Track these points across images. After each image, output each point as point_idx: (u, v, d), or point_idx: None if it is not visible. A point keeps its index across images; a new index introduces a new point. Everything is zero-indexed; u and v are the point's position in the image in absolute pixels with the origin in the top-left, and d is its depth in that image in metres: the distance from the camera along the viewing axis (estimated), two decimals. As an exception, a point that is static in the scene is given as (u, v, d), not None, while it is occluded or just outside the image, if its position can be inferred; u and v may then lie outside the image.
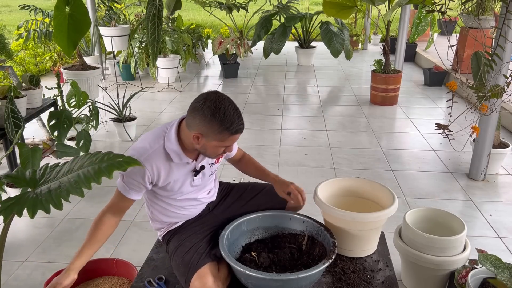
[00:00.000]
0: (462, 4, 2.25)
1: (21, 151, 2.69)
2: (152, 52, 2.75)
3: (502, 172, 3.56)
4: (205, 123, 1.53)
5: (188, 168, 1.72)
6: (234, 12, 6.84)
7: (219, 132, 1.53)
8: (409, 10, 6.03)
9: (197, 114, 1.54)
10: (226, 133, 1.53)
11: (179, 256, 1.71)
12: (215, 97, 1.54)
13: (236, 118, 1.54)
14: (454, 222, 2.13)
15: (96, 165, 1.51)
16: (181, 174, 1.71)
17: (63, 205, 1.42)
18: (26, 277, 2.35)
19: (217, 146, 1.59)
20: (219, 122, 1.51)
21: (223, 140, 1.56)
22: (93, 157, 1.53)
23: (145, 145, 1.65)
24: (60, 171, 1.57)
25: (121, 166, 1.49)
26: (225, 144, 1.58)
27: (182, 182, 1.73)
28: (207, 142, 1.57)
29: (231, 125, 1.52)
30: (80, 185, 1.44)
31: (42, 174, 1.60)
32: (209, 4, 6.73)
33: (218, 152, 1.63)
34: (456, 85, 2.08)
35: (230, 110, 1.52)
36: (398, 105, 5.38)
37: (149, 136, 1.68)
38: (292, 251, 1.78)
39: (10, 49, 4.04)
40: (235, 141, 1.62)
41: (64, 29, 2.15)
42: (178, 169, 1.69)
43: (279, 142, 4.19)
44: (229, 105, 1.53)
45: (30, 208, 1.41)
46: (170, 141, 1.63)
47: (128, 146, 4.10)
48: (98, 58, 6.39)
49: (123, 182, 1.66)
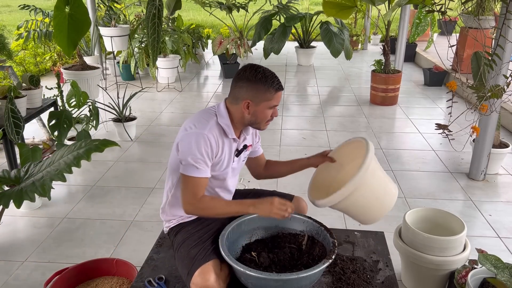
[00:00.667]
0: (462, 4, 2.25)
1: (21, 151, 2.70)
2: (152, 52, 2.75)
3: (502, 172, 3.56)
4: (251, 87, 1.68)
5: (233, 147, 1.81)
6: (234, 12, 6.84)
7: (265, 91, 1.68)
8: (409, 10, 6.03)
9: (241, 83, 1.70)
10: (271, 90, 1.69)
11: (186, 248, 1.72)
12: (251, 65, 1.72)
13: (275, 78, 1.71)
14: (454, 222, 2.13)
15: (75, 151, 1.64)
16: (227, 152, 1.78)
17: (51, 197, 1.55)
18: (26, 277, 2.35)
19: (266, 107, 1.71)
20: (263, 82, 1.67)
21: (270, 98, 1.70)
22: (72, 146, 1.68)
23: (202, 120, 1.73)
24: (43, 165, 1.70)
25: (98, 148, 1.62)
26: (272, 103, 1.71)
27: (227, 160, 1.79)
28: (256, 107, 1.70)
29: (273, 82, 1.69)
30: (62, 171, 1.57)
31: (26, 171, 1.75)
32: (209, 4, 6.73)
33: (267, 116, 1.74)
34: (456, 85, 2.08)
35: (268, 72, 1.70)
36: (398, 105, 5.38)
37: (200, 115, 1.76)
38: (292, 251, 1.78)
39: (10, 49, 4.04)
40: (279, 99, 1.74)
41: (64, 29, 2.15)
42: (228, 145, 1.78)
43: (279, 142, 4.19)
44: (266, 69, 1.71)
45: (16, 199, 1.55)
46: (223, 117, 1.74)
47: (128, 146, 4.10)
48: (98, 58, 6.39)
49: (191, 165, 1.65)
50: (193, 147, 1.65)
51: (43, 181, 1.57)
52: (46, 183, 1.57)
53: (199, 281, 1.59)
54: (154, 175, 3.51)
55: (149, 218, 2.91)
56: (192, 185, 1.68)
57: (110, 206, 3.05)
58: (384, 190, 1.75)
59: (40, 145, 3.86)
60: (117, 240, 2.67)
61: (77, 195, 3.21)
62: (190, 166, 1.66)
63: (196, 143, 1.65)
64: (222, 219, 1.87)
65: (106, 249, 2.58)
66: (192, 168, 1.66)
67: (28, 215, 2.94)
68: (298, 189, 3.23)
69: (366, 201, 1.70)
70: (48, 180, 1.57)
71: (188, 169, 1.67)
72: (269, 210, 1.64)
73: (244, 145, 1.87)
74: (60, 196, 3.20)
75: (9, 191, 1.61)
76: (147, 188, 3.31)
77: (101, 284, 2.14)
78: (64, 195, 3.23)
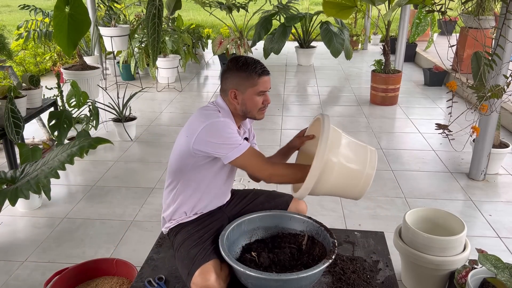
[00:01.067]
0: (462, 4, 2.25)
1: (21, 151, 2.70)
2: (152, 52, 2.74)
3: (502, 172, 3.56)
4: (234, 76, 1.70)
5: None
6: (234, 12, 6.84)
7: (247, 77, 1.68)
8: (409, 10, 6.03)
9: (226, 74, 1.72)
10: (253, 75, 1.68)
11: (186, 248, 1.72)
12: (234, 56, 1.75)
13: (258, 63, 1.70)
14: (454, 222, 2.13)
15: (69, 149, 1.72)
16: None
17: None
18: (26, 277, 2.35)
19: (253, 93, 1.70)
20: (244, 69, 1.68)
21: (255, 84, 1.68)
22: (66, 145, 1.76)
23: (209, 112, 1.70)
24: (38, 165, 1.78)
25: (91, 145, 1.71)
26: (258, 88, 1.69)
27: None
28: (243, 95, 1.70)
29: (255, 67, 1.68)
30: (55, 168, 1.64)
31: (22, 171, 1.83)
32: (209, 4, 6.73)
33: (258, 103, 1.72)
34: (456, 85, 2.07)
35: (250, 59, 1.70)
36: (398, 105, 5.38)
37: (203, 111, 1.72)
38: (292, 251, 1.78)
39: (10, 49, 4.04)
40: (267, 85, 1.71)
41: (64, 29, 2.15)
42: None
43: (279, 142, 4.19)
44: (248, 57, 1.72)
45: (12, 197, 1.61)
46: (225, 110, 1.75)
47: (128, 146, 4.10)
48: (98, 58, 6.39)
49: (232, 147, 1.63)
50: (219, 134, 1.63)
51: (37, 179, 1.63)
52: (41, 180, 1.61)
53: (199, 281, 1.59)
54: (154, 175, 3.51)
55: (149, 218, 2.91)
56: (250, 159, 1.66)
57: (110, 206, 3.05)
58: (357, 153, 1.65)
59: (40, 145, 3.86)
60: (117, 240, 2.67)
61: (77, 195, 3.21)
62: (231, 150, 1.63)
63: (219, 129, 1.64)
64: (221, 219, 1.87)
65: (106, 249, 2.58)
66: (234, 149, 1.63)
67: (28, 215, 2.94)
68: (298, 189, 3.23)
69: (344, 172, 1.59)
70: (42, 177, 1.62)
71: (232, 153, 1.63)
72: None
73: (245, 137, 1.88)
74: (60, 196, 3.20)
75: (5, 190, 1.66)
76: (147, 188, 3.31)
77: (101, 284, 2.14)
78: (64, 195, 3.23)
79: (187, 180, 1.79)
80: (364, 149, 1.69)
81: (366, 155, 1.67)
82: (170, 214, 1.87)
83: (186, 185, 1.81)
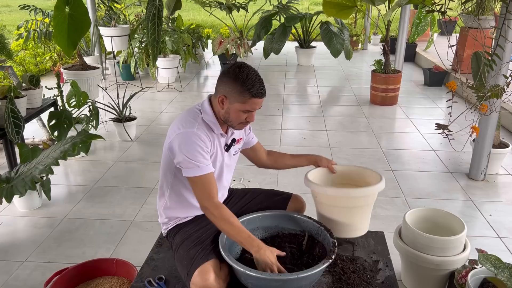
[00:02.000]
0: (462, 4, 2.25)
1: (21, 151, 2.71)
2: (152, 52, 2.74)
3: (502, 172, 3.56)
4: (229, 84, 1.66)
5: (222, 142, 1.81)
6: (234, 12, 6.84)
7: (241, 92, 1.64)
8: (409, 10, 6.03)
9: (224, 77, 1.69)
10: (247, 94, 1.63)
11: (185, 249, 1.72)
12: (241, 64, 1.69)
13: (258, 83, 1.65)
14: (454, 222, 2.13)
15: (62, 147, 1.78)
16: (218, 147, 1.79)
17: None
18: (26, 277, 2.35)
19: (239, 109, 1.67)
20: (241, 83, 1.63)
21: (244, 102, 1.65)
22: (59, 143, 1.83)
23: (189, 119, 1.72)
24: (32, 164, 1.85)
25: (83, 141, 1.77)
26: (245, 107, 1.66)
27: (220, 156, 1.81)
28: (230, 104, 1.67)
29: (252, 87, 1.63)
30: (49, 165, 1.71)
31: (17, 171, 1.90)
32: (209, 4, 6.73)
33: (240, 118, 1.70)
34: (456, 85, 2.07)
35: (253, 75, 1.65)
36: (398, 105, 5.38)
37: (186, 115, 1.75)
38: (292, 251, 1.78)
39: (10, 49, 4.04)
40: (256, 106, 1.69)
41: (64, 29, 2.15)
42: (217, 140, 1.78)
43: (279, 142, 4.19)
44: (253, 72, 1.66)
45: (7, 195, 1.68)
46: (207, 113, 1.74)
47: (128, 146, 4.10)
48: (98, 58, 6.39)
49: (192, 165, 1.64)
50: (186, 146, 1.64)
51: (32, 176, 1.69)
52: (35, 177, 1.67)
53: (198, 281, 1.59)
54: (154, 175, 3.51)
55: (149, 218, 2.91)
56: (202, 184, 1.66)
57: (110, 206, 3.05)
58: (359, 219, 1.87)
59: (40, 145, 3.86)
60: (117, 240, 2.67)
61: (77, 195, 3.21)
62: (191, 167, 1.65)
63: (188, 142, 1.65)
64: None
65: (106, 249, 2.58)
66: (194, 168, 1.65)
67: (28, 215, 2.94)
68: (298, 188, 3.22)
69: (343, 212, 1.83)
70: (37, 173, 1.69)
71: (190, 170, 1.66)
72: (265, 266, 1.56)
73: (233, 139, 1.86)
74: (60, 196, 3.20)
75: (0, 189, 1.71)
76: (147, 188, 3.31)
77: (101, 284, 2.14)
78: (64, 195, 3.23)
79: (174, 181, 1.81)
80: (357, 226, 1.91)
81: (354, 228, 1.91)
82: (166, 216, 1.88)
83: (174, 185, 1.82)
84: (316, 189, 1.86)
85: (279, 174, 3.48)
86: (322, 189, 1.84)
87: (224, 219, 1.64)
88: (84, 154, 3.75)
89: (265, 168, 2.13)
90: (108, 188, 3.31)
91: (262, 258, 1.57)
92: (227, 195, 2.04)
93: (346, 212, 1.84)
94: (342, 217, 1.85)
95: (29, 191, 2.87)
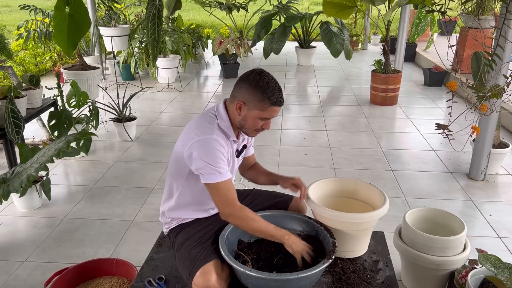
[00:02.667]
0: (462, 4, 2.25)
1: (21, 151, 2.70)
2: (152, 52, 2.74)
3: (502, 172, 3.56)
4: (249, 91, 1.65)
5: (234, 148, 1.81)
6: (234, 12, 6.84)
7: (261, 100, 1.64)
8: (409, 10, 6.03)
9: (243, 83, 1.68)
10: (267, 101, 1.64)
11: (187, 249, 1.72)
12: (261, 70, 1.70)
13: (278, 91, 1.67)
14: (454, 222, 2.13)
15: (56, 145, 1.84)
16: (231, 153, 1.79)
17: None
18: (26, 277, 2.35)
19: (257, 116, 1.67)
20: (262, 90, 1.63)
21: (263, 109, 1.66)
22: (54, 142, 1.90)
23: (206, 124, 1.71)
24: (28, 164, 1.91)
25: (76, 139, 1.85)
26: (264, 115, 1.67)
27: (232, 162, 1.81)
28: (248, 111, 1.67)
29: (273, 94, 1.64)
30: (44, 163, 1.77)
31: (12, 172, 1.95)
32: (209, 4, 6.73)
33: (257, 125, 1.70)
34: (456, 85, 2.07)
35: (273, 83, 1.66)
36: (398, 105, 5.38)
37: (201, 120, 1.73)
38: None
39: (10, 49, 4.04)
40: (274, 114, 1.69)
41: (64, 29, 2.14)
42: (231, 146, 1.78)
43: (279, 142, 4.19)
44: (272, 79, 1.68)
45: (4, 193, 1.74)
46: (223, 119, 1.73)
47: (128, 146, 4.10)
48: (98, 58, 6.39)
49: (214, 171, 1.64)
50: (208, 154, 1.63)
51: (28, 174, 1.74)
52: (31, 174, 1.72)
53: (200, 282, 1.59)
54: (154, 175, 3.51)
55: (149, 218, 2.91)
56: (224, 191, 1.66)
57: (110, 206, 3.05)
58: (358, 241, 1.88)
59: (40, 145, 3.86)
60: (117, 240, 2.67)
61: (77, 195, 3.21)
62: (212, 173, 1.63)
63: (209, 148, 1.63)
64: (221, 219, 1.87)
65: (106, 249, 2.58)
66: (215, 174, 1.64)
67: (28, 215, 2.94)
68: (298, 189, 3.23)
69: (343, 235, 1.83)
70: (33, 171, 1.74)
71: (211, 177, 1.64)
72: (301, 249, 1.65)
73: (244, 145, 1.87)
74: (60, 196, 3.20)
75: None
76: (147, 188, 3.31)
77: (101, 284, 2.14)
78: (64, 195, 3.23)
79: (185, 185, 1.80)
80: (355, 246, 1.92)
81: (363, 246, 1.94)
82: (170, 216, 1.88)
83: (184, 189, 1.82)
84: (315, 210, 1.84)
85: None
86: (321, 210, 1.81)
87: (251, 218, 1.67)
88: (84, 154, 3.74)
89: (244, 178, 2.10)
90: (108, 188, 3.31)
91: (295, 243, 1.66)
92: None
93: (345, 235, 1.83)
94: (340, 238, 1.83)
95: (29, 192, 2.88)
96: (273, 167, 3.61)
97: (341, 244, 1.83)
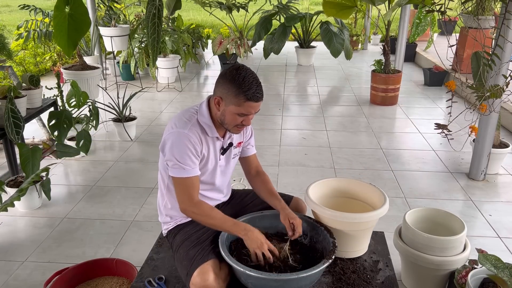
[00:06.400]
0: (462, 4, 2.25)
1: (21, 151, 2.70)
2: (152, 52, 2.74)
3: (502, 172, 3.56)
4: (225, 86, 1.63)
5: (218, 146, 1.80)
6: (234, 12, 6.84)
7: (236, 94, 1.61)
8: (409, 10, 6.03)
9: (221, 79, 1.66)
10: (242, 97, 1.60)
11: (185, 249, 1.73)
12: (240, 65, 1.66)
13: (254, 86, 1.61)
14: (454, 222, 2.13)
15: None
16: (212, 150, 1.78)
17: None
18: (26, 277, 2.35)
19: (234, 112, 1.65)
20: (237, 85, 1.60)
21: (239, 105, 1.62)
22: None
23: (183, 119, 1.72)
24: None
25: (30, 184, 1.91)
26: (240, 110, 1.64)
27: (213, 159, 1.79)
28: (225, 107, 1.66)
29: (248, 89, 1.60)
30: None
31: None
32: (209, 4, 6.73)
33: (236, 121, 1.67)
34: (455, 85, 2.08)
35: (250, 78, 1.62)
36: (398, 105, 5.38)
37: (182, 115, 1.75)
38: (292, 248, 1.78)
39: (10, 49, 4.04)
40: (252, 110, 1.65)
41: (64, 29, 2.15)
42: (211, 143, 1.77)
43: (279, 142, 4.19)
44: (250, 75, 1.63)
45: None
46: (203, 115, 1.73)
47: (128, 146, 4.11)
48: (98, 58, 6.39)
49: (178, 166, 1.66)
50: (176, 147, 1.66)
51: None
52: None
53: (198, 281, 1.59)
54: (154, 175, 3.51)
55: (149, 218, 2.91)
56: (184, 186, 1.68)
57: (110, 206, 3.05)
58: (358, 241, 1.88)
59: (40, 145, 3.86)
60: (117, 240, 2.67)
61: (77, 195, 3.21)
62: (177, 167, 1.67)
63: (179, 143, 1.66)
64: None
65: (106, 249, 2.58)
66: (179, 169, 1.67)
67: (28, 215, 2.94)
68: (298, 189, 3.23)
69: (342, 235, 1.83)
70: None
71: (176, 170, 1.68)
72: (257, 246, 1.61)
73: (230, 143, 1.85)
74: (60, 196, 3.20)
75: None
76: (147, 188, 3.31)
77: (101, 284, 2.14)
78: (64, 195, 3.23)
79: (170, 180, 1.81)
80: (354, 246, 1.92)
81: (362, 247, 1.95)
82: (166, 215, 1.89)
83: (171, 185, 1.83)
84: (315, 210, 1.85)
85: (279, 174, 3.48)
86: (321, 210, 1.81)
87: (206, 215, 1.68)
88: (84, 154, 3.74)
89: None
90: (108, 188, 3.31)
91: (251, 239, 1.61)
92: (231, 194, 2.04)
93: (345, 235, 1.84)
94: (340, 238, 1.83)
95: (29, 192, 2.88)
96: (273, 167, 3.61)
97: (341, 244, 1.83)
